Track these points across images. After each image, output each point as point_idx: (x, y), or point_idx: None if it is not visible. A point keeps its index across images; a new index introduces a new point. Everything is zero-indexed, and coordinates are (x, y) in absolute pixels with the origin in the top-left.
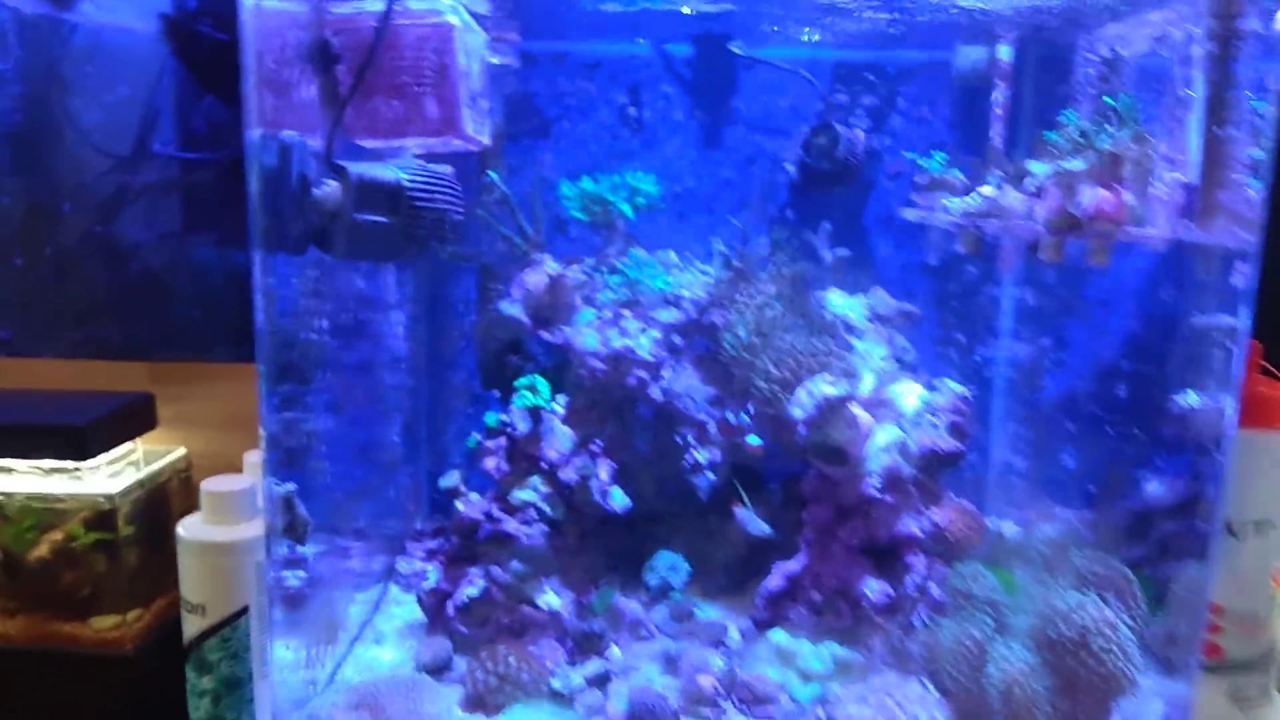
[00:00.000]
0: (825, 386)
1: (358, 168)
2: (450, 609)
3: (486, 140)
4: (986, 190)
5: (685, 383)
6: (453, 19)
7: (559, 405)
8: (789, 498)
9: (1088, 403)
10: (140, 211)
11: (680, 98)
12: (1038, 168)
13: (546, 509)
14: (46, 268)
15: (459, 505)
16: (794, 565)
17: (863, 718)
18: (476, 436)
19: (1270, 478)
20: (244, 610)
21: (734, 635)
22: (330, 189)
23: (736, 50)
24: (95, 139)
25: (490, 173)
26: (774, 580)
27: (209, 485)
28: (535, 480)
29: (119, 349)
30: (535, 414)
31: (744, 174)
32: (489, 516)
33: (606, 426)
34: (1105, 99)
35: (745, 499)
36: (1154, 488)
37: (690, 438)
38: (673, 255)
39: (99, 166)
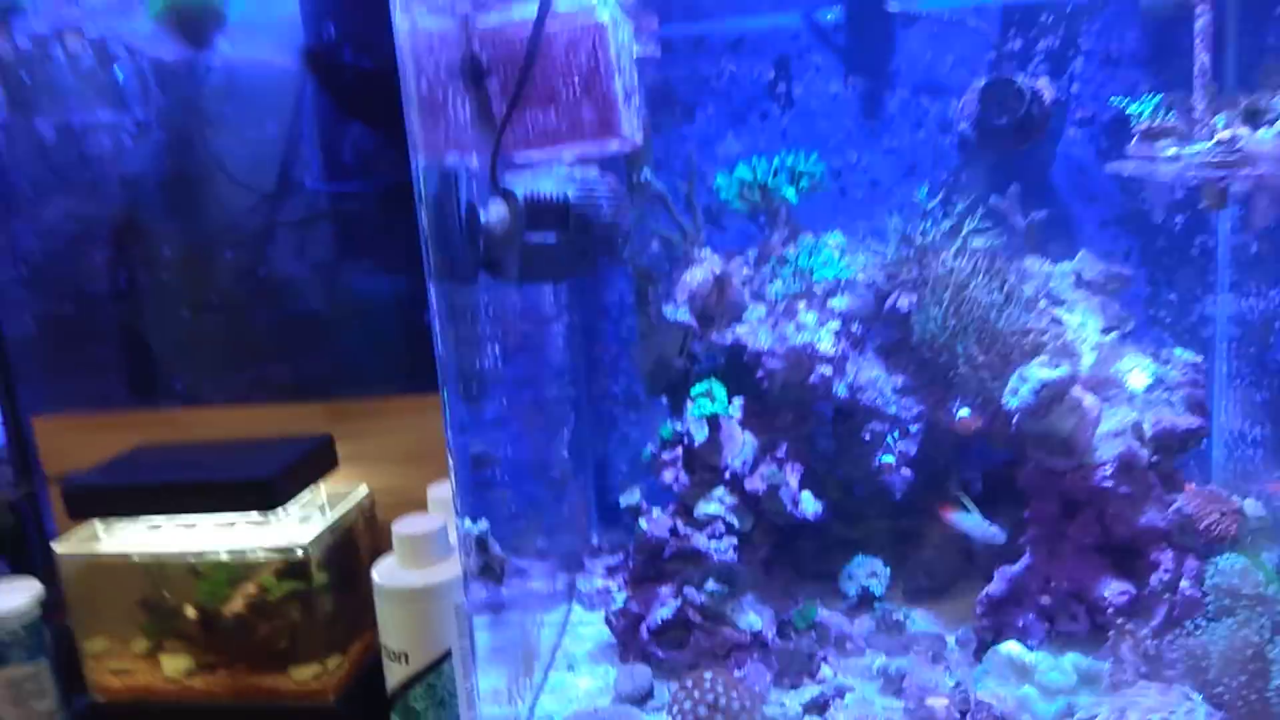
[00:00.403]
0: (1044, 370)
1: (524, 187)
2: (644, 632)
3: (640, 139)
4: (1223, 134)
5: (870, 375)
6: (603, 16)
7: (736, 409)
8: (995, 491)
9: None
10: (295, 248)
11: (833, 66)
12: None
13: (734, 521)
14: (211, 313)
15: (642, 523)
16: (1017, 568)
17: None
18: (651, 448)
19: None
20: (446, 655)
21: (953, 646)
22: (499, 213)
23: (892, 8)
24: (242, 177)
25: (645, 169)
26: (996, 585)
27: (402, 529)
28: (720, 492)
29: (291, 390)
30: (713, 421)
31: (911, 141)
32: (674, 533)
33: (788, 428)
34: None
35: (968, 503)
36: None
37: (882, 433)
38: (839, 237)
39: (249, 206)
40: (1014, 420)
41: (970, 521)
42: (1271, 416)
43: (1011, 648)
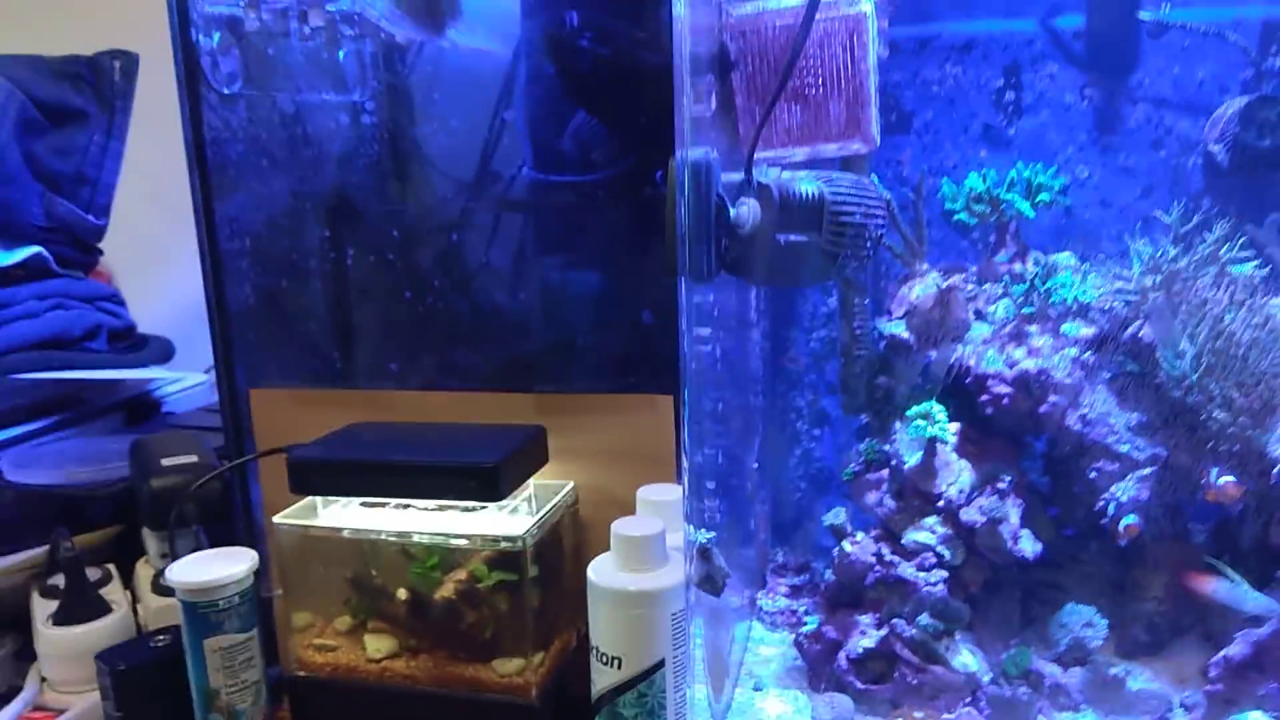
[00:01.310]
0: None
1: (780, 184)
2: (842, 660)
3: (879, 141)
4: None
5: (1101, 409)
6: (866, 6)
7: (952, 434)
8: (1228, 547)
9: None
10: (511, 238)
11: (1069, 76)
12: None
13: (946, 553)
14: (425, 298)
15: (846, 545)
16: (1264, 631)
17: None
18: (853, 467)
19: None
20: (660, 664)
21: (1177, 710)
22: (749, 208)
23: (1144, 16)
24: (460, 165)
25: (873, 176)
26: (1238, 648)
27: (624, 530)
28: (932, 520)
29: (498, 379)
30: (929, 445)
31: (1150, 160)
32: (880, 558)
33: (1010, 460)
34: None
35: (1228, 571)
36: None
37: (1111, 473)
38: (1071, 257)
39: (463, 194)
40: (1277, 470)
41: (1235, 592)
42: None
43: (1257, 717)
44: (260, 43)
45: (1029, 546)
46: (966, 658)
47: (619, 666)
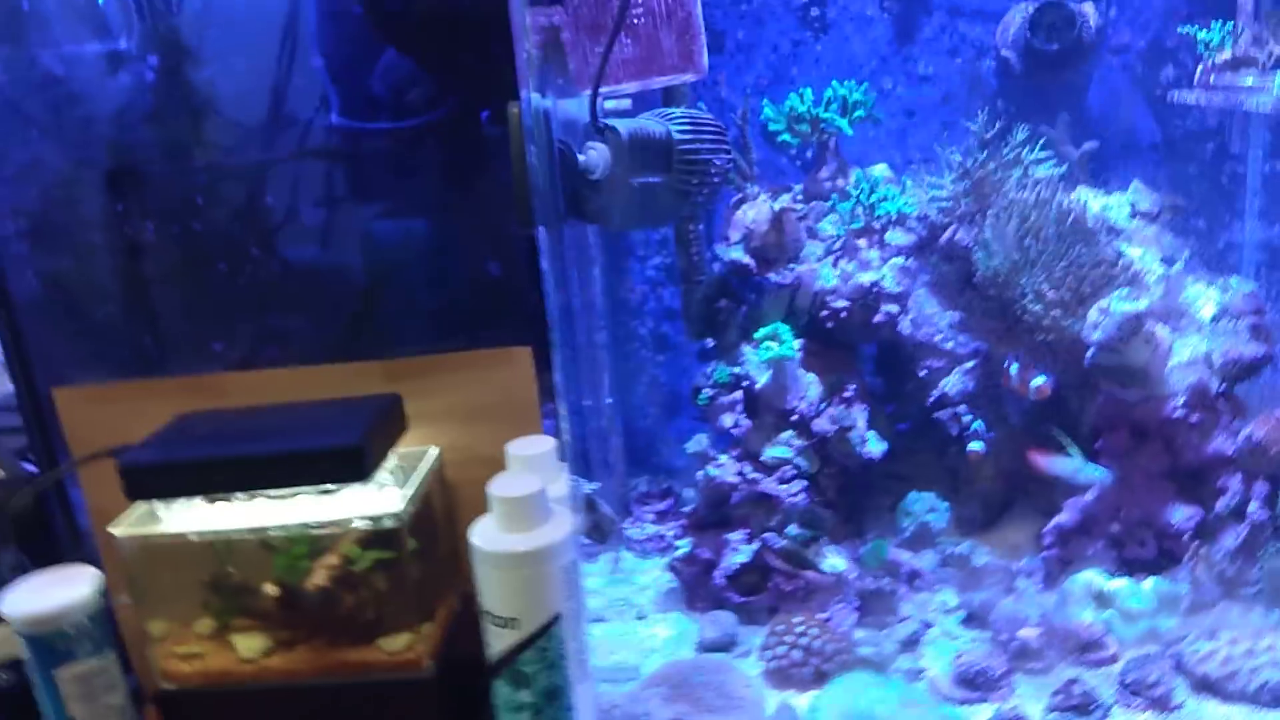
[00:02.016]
0: (1125, 304)
1: (626, 126)
2: (718, 579)
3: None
4: None
5: (926, 311)
6: None
7: (797, 350)
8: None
9: None
10: (335, 193)
11: None
12: None
13: (803, 464)
14: (245, 268)
15: (711, 469)
16: (1087, 498)
17: (1219, 654)
18: (707, 392)
19: None
20: (557, 618)
21: (1020, 579)
22: (597, 153)
23: None
24: (269, 119)
25: (700, 105)
26: (1067, 516)
27: (501, 491)
28: (788, 435)
29: (342, 348)
30: (778, 364)
31: (947, 68)
32: (743, 477)
33: (849, 367)
34: None
35: (1069, 444)
36: None
37: (939, 369)
38: (886, 169)
39: (278, 149)
40: (1090, 354)
41: (1072, 466)
42: None
43: (1091, 575)
44: None
45: (876, 447)
46: (835, 560)
47: (516, 627)
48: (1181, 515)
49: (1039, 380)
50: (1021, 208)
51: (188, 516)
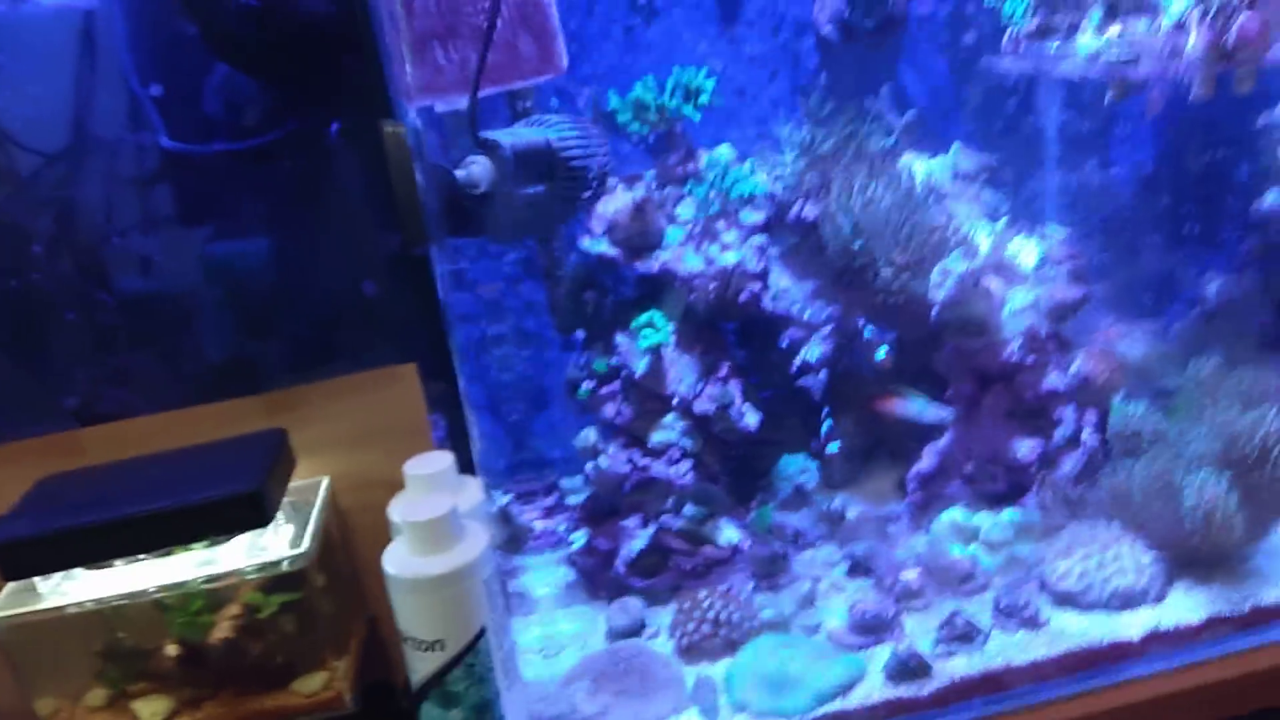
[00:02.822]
0: (961, 263)
1: (507, 138)
2: (619, 566)
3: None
4: (1113, 30)
5: (781, 284)
6: None
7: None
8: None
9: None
10: (179, 219)
11: None
12: (1175, 3)
13: (688, 444)
14: (92, 311)
15: (602, 460)
16: (942, 443)
17: (1074, 571)
18: (587, 385)
19: None
20: (482, 632)
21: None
22: (479, 167)
23: None
24: (73, 140)
25: (553, 101)
26: (925, 461)
27: (409, 515)
28: (670, 418)
29: (212, 387)
30: (655, 350)
31: (771, 45)
32: (632, 464)
33: (719, 347)
34: None
35: (910, 391)
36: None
37: (799, 340)
38: (730, 150)
39: (105, 173)
40: (934, 311)
41: (917, 406)
42: (1098, 274)
43: (955, 514)
44: None
45: (753, 419)
46: (729, 532)
47: (442, 649)
48: (1026, 448)
49: (882, 352)
50: (859, 178)
51: (69, 587)
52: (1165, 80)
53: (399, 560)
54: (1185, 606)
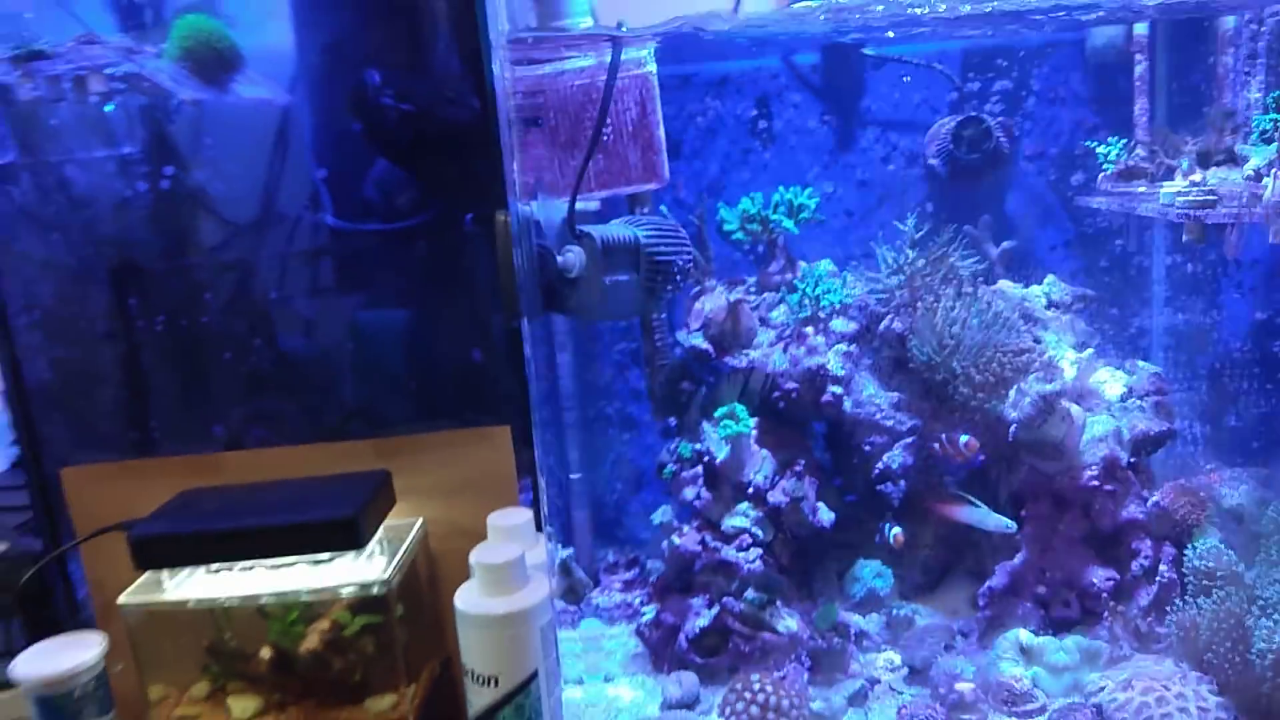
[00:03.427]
0: (1040, 385)
1: (599, 231)
2: (682, 642)
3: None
4: (1195, 176)
5: (867, 392)
6: (651, 68)
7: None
8: (981, 496)
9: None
10: (328, 288)
11: (810, 105)
12: (1255, 153)
13: (759, 533)
14: (245, 355)
15: (675, 538)
16: (1015, 562)
17: (1133, 703)
18: (671, 466)
19: None
20: (534, 675)
21: (959, 638)
22: (575, 255)
23: (868, 52)
24: (265, 215)
25: (661, 207)
26: (998, 579)
27: (485, 559)
28: (744, 506)
29: (333, 429)
30: (735, 440)
31: (881, 173)
32: (705, 545)
33: (799, 444)
34: None
35: (972, 499)
36: None
37: (881, 445)
38: (830, 264)
39: (275, 246)
40: (1011, 430)
41: (979, 514)
42: (1203, 416)
43: (1020, 633)
44: (31, 109)
45: (826, 516)
46: (789, 621)
47: (495, 684)
48: (1100, 576)
49: (965, 437)
50: (947, 299)
51: (189, 586)
52: (1242, 224)
53: (468, 598)
54: None
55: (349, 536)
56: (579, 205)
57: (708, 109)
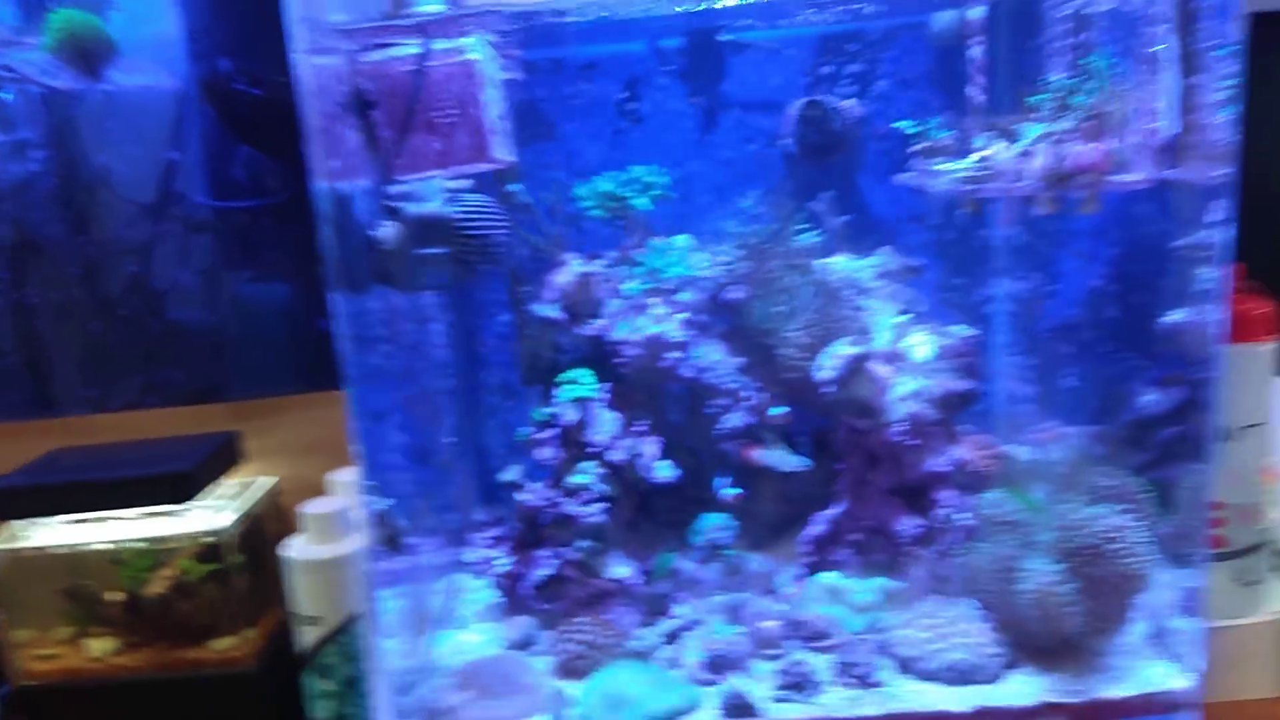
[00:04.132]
0: (845, 348)
1: (411, 207)
2: (527, 589)
3: (511, 158)
4: (977, 155)
5: (714, 358)
6: (475, 55)
7: (602, 392)
8: (819, 448)
9: (1085, 328)
10: (191, 260)
11: (675, 87)
12: (1029, 130)
13: (602, 489)
14: (112, 324)
15: (521, 495)
16: (833, 512)
17: (914, 639)
18: (527, 430)
19: (1256, 384)
20: (354, 616)
21: (785, 581)
22: (389, 229)
23: (724, 37)
24: (130, 193)
25: (512, 185)
26: (817, 527)
27: (310, 509)
28: (588, 464)
29: (194, 394)
30: (582, 403)
31: (743, 153)
32: (550, 501)
33: (647, 406)
34: (1080, 61)
35: (769, 438)
36: (1150, 398)
37: (725, 406)
38: (687, 239)
39: (137, 221)
40: (825, 390)
41: (776, 456)
42: (1037, 378)
43: (828, 575)
44: None
45: (664, 472)
46: (621, 569)
47: (318, 624)
48: (908, 523)
49: (777, 410)
50: (781, 270)
51: (50, 534)
52: (1011, 200)
53: (295, 546)
54: (1022, 689)
55: (184, 489)
56: (450, 184)
57: (579, 92)
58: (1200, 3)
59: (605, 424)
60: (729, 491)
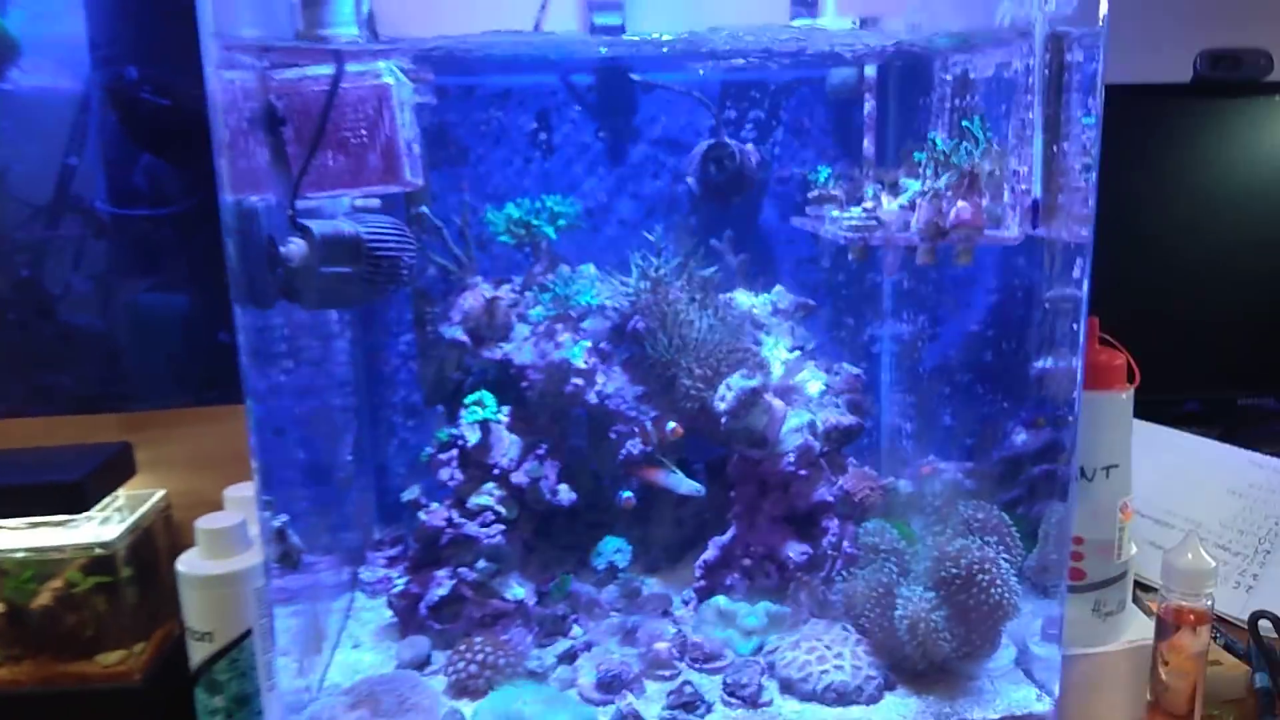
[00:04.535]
0: (742, 380)
1: (320, 225)
2: (423, 609)
3: (421, 181)
4: (867, 205)
5: (616, 385)
6: (388, 79)
7: (504, 415)
8: (713, 476)
9: (962, 370)
10: (87, 267)
11: (585, 121)
12: (911, 184)
13: (502, 510)
14: (7, 329)
15: (422, 515)
16: (726, 538)
17: (798, 661)
18: (429, 450)
19: (1115, 428)
20: (247, 633)
21: (678, 604)
22: (296, 246)
23: (635, 77)
24: (28, 196)
25: (423, 207)
26: (710, 552)
27: (205, 524)
28: (489, 486)
29: (84, 402)
30: (484, 425)
31: (650, 188)
32: (450, 522)
33: (549, 430)
34: (963, 123)
35: (667, 463)
36: (1020, 438)
37: (625, 433)
38: (593, 269)
39: (34, 225)
40: (722, 420)
41: (675, 479)
42: (919, 416)
43: (719, 600)
44: None
45: (566, 496)
46: (518, 590)
47: (210, 640)
48: (795, 550)
49: (671, 424)
50: (681, 303)
51: None
52: (895, 249)
53: (188, 560)
54: (897, 711)
55: (74, 500)
56: (360, 203)
57: (491, 119)
58: (1069, 75)
59: (508, 447)
60: (625, 494)
